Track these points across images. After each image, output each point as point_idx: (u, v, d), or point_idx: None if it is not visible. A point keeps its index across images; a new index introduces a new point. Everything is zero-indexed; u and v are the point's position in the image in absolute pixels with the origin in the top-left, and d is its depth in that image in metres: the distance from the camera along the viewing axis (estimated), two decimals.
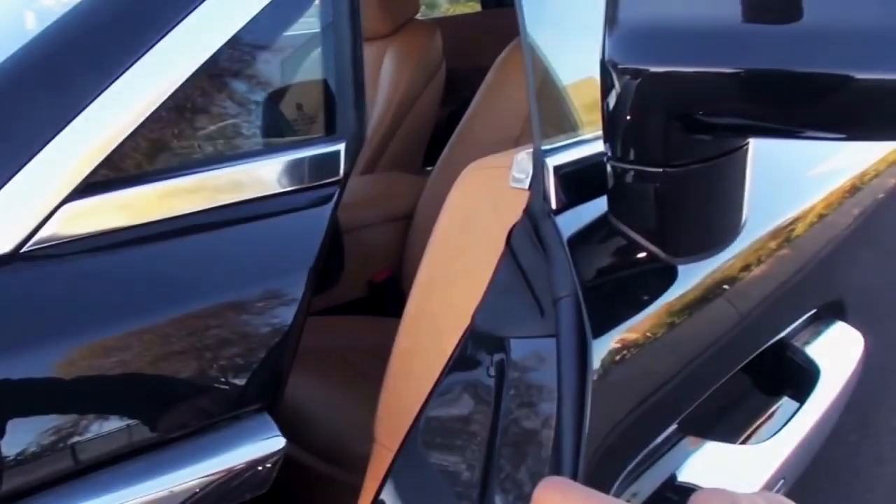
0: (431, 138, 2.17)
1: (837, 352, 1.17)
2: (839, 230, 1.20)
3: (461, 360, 0.74)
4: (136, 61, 0.62)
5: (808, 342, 1.15)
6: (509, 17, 1.71)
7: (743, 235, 0.78)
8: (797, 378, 1.09)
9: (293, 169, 0.70)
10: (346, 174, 0.74)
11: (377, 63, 2.16)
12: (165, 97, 0.63)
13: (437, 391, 0.74)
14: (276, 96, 0.73)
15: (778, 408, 1.08)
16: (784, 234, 1.02)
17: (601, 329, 0.70)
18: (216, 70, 0.66)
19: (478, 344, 0.74)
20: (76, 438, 0.56)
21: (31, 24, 0.73)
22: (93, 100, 0.60)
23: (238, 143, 0.70)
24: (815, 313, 1.18)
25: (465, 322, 0.74)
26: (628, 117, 0.63)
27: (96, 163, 0.60)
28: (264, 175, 0.68)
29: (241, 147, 0.70)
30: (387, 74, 2.12)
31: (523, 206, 0.73)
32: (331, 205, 0.72)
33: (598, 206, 0.75)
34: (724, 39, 0.57)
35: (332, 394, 1.33)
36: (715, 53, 0.57)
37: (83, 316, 0.58)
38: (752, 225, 0.80)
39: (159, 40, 0.63)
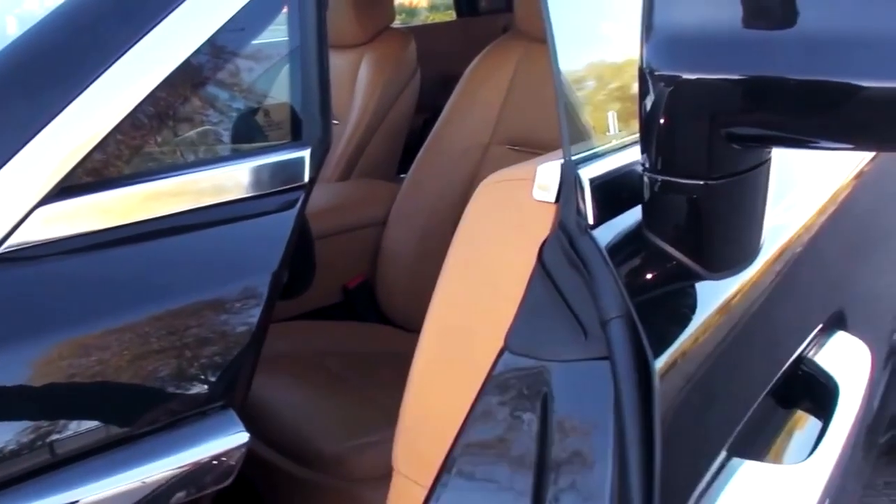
0: (406, 145, 2.20)
1: (849, 363, 1.14)
2: (838, 237, 1.20)
3: (497, 385, 0.69)
4: (107, 69, 0.63)
5: (816, 354, 1.11)
6: (482, 25, 1.75)
7: (763, 248, 0.78)
8: (815, 391, 1.06)
9: (259, 174, 0.72)
10: (312, 180, 0.76)
11: (353, 70, 2.18)
12: (136, 104, 0.65)
13: (472, 419, 0.69)
14: (244, 104, 0.76)
15: (796, 422, 1.05)
16: (792, 246, 1.01)
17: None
18: (185, 78, 0.68)
19: (514, 367, 0.69)
20: (51, 435, 0.58)
21: (13, 29, 0.74)
22: (66, 105, 0.62)
23: (206, 148, 0.72)
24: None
25: (496, 343, 0.70)
26: (666, 127, 0.62)
27: (70, 167, 0.62)
28: (230, 180, 0.70)
29: (209, 153, 0.72)
30: (362, 82, 2.14)
31: (551, 220, 0.70)
32: (295, 209, 0.74)
33: (629, 220, 0.72)
34: (755, 46, 0.56)
35: (305, 396, 1.35)
36: (747, 60, 0.57)
37: (56, 317, 0.60)
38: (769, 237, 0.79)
39: (131, 48, 0.65)
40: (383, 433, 1.16)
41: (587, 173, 0.70)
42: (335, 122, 2.20)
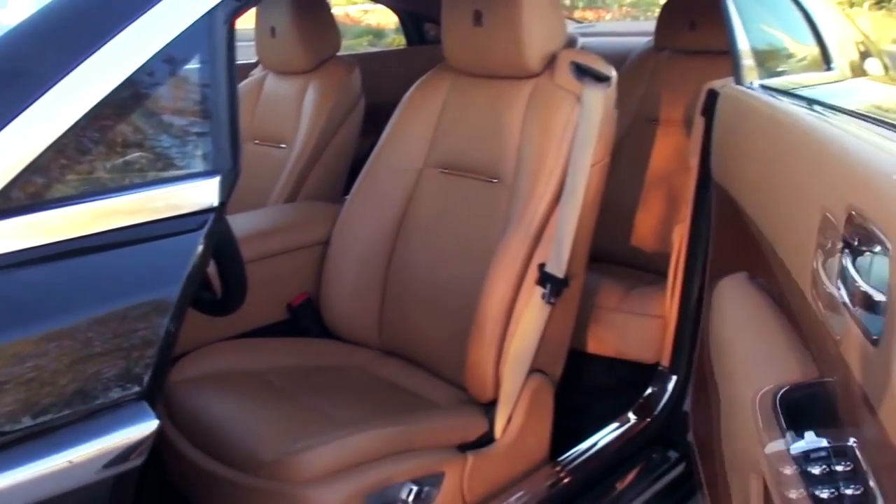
0: (354, 168, 2.28)
1: None
2: None
3: None
4: (35, 101, 0.73)
5: None
6: (430, 54, 1.84)
7: None
8: None
9: (172, 199, 0.81)
10: (222, 203, 0.85)
11: (299, 97, 2.27)
12: (59, 135, 0.74)
13: None
14: (162, 136, 0.85)
15: None
16: None
17: None
18: (107, 111, 0.77)
19: None
20: None
21: None
22: None
23: (124, 176, 0.81)
24: None
25: None
26: None
27: None
28: (146, 204, 0.80)
29: (127, 179, 0.81)
30: (308, 108, 2.23)
31: None
32: (204, 230, 0.83)
33: None
34: None
35: (247, 409, 1.41)
36: None
37: None
38: None
39: (54, 85, 0.74)
40: (323, 437, 1.24)
41: None
42: (282, 145, 2.28)
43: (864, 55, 2.42)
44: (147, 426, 0.75)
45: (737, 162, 1.37)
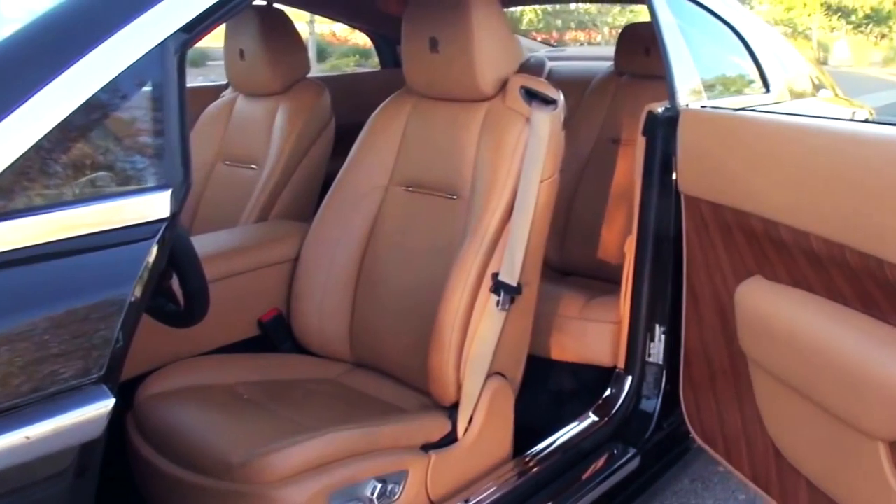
0: (326, 188, 2.36)
1: None
2: None
3: None
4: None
5: None
6: (396, 76, 1.93)
7: None
8: None
9: (128, 210, 0.93)
10: (174, 214, 0.96)
11: (269, 118, 2.35)
12: (21, 154, 0.86)
13: None
14: (117, 152, 0.95)
15: None
16: None
17: None
18: (69, 131, 0.89)
19: None
20: None
21: None
22: None
23: (84, 189, 0.92)
24: None
25: None
26: None
27: None
28: (103, 214, 0.92)
29: (87, 192, 0.92)
30: (278, 129, 2.31)
31: None
32: (157, 237, 0.94)
33: None
34: None
35: (215, 419, 1.47)
36: None
37: None
38: None
39: (18, 107, 0.85)
40: (290, 440, 1.31)
41: None
42: (252, 166, 2.36)
43: (814, 80, 2.58)
44: (104, 404, 0.87)
45: (736, 174, 1.48)
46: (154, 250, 0.93)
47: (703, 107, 1.72)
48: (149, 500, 1.48)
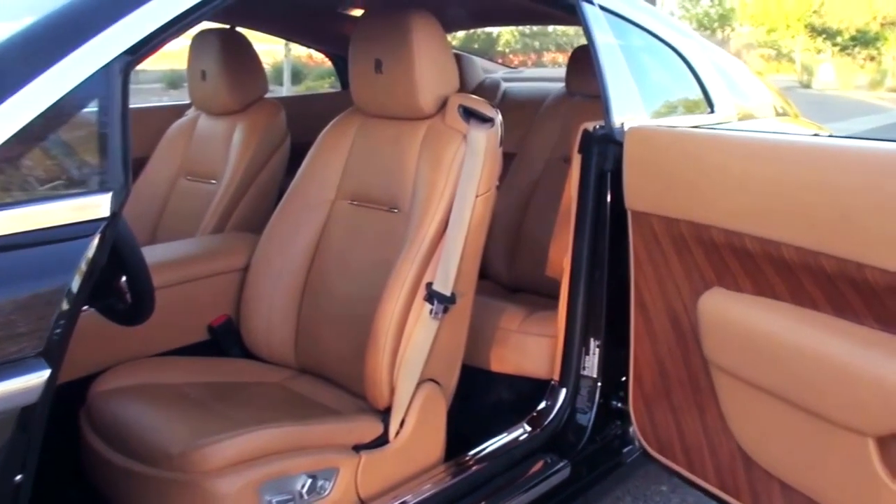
0: (278, 203, 2.44)
1: None
2: None
3: None
4: None
5: None
6: (348, 97, 2.02)
7: None
8: None
9: (73, 208, 1.02)
10: (114, 213, 1.05)
11: (227, 136, 2.43)
12: None
13: None
14: (65, 159, 1.06)
15: None
16: None
17: None
18: (24, 139, 1.00)
19: None
20: None
21: None
22: None
23: (35, 191, 1.02)
24: None
25: None
26: None
27: None
28: (50, 213, 1.01)
29: (38, 193, 1.02)
30: (235, 146, 2.40)
31: None
32: (97, 234, 1.03)
33: None
34: None
35: (160, 415, 1.54)
36: None
37: None
38: None
39: None
40: (226, 434, 1.38)
41: None
42: (212, 181, 2.43)
43: (774, 104, 2.68)
44: (41, 374, 0.98)
45: (693, 189, 1.52)
46: (94, 244, 1.03)
47: (624, 127, 1.78)
48: (98, 488, 1.55)
